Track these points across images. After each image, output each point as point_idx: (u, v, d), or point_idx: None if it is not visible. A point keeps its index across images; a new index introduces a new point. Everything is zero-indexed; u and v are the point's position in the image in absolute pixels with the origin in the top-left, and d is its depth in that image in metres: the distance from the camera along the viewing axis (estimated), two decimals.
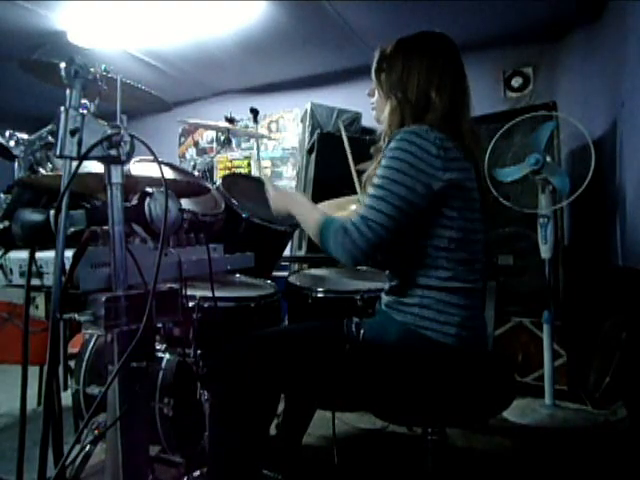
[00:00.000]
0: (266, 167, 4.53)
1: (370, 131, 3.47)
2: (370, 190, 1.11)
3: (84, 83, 0.89)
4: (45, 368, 0.89)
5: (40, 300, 0.97)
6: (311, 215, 1.20)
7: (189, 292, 1.21)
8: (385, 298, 1.24)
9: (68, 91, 0.88)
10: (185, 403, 1.36)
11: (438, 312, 1.12)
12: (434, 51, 1.22)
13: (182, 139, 5.05)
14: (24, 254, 0.95)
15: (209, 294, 1.21)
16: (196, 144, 4.99)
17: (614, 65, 2.50)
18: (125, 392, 0.88)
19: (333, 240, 1.09)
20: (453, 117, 1.17)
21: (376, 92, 1.30)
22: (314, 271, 2.06)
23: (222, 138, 2.76)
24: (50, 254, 0.88)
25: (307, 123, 3.64)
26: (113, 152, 0.85)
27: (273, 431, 1.68)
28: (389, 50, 1.25)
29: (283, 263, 2.90)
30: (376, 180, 1.10)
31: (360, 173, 1.34)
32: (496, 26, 3.24)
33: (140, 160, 1.64)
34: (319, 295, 1.60)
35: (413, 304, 1.14)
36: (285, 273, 2.34)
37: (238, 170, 4.66)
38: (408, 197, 1.07)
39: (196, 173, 2.25)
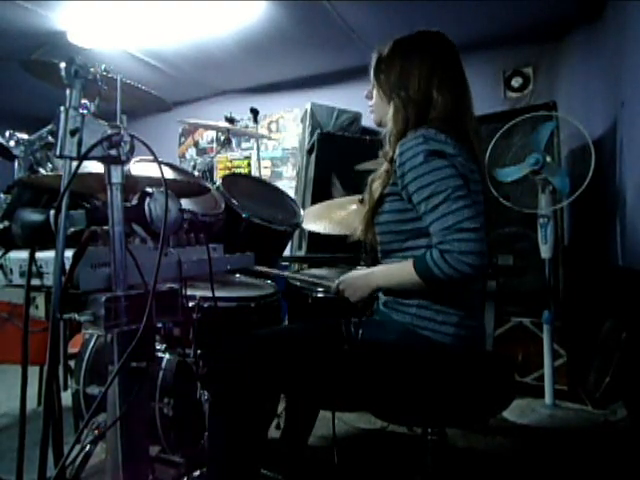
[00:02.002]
0: (266, 167, 4.53)
1: (370, 131, 3.47)
2: (425, 206, 1.07)
3: (84, 83, 0.89)
4: (45, 368, 0.89)
5: (40, 300, 0.97)
6: (396, 273, 1.15)
7: (189, 292, 1.21)
8: (383, 298, 1.24)
9: (68, 91, 0.88)
10: (185, 403, 1.36)
11: (436, 312, 1.12)
12: (432, 50, 1.22)
13: (182, 139, 5.05)
14: (24, 254, 0.95)
15: (209, 294, 1.21)
16: (196, 144, 4.99)
17: (614, 65, 2.50)
18: (125, 392, 0.88)
19: (440, 270, 1.02)
20: (456, 116, 1.18)
21: (374, 94, 1.29)
22: (314, 271, 2.07)
23: (222, 138, 2.77)
24: (50, 254, 0.88)
25: (307, 123, 3.64)
26: (113, 152, 0.85)
27: (275, 432, 1.68)
28: (386, 51, 1.25)
29: (283, 263, 2.90)
30: (422, 194, 1.07)
31: (359, 173, 1.33)
32: (496, 26, 3.24)
33: (140, 160, 1.64)
34: (319, 295, 1.61)
35: (411, 304, 1.14)
36: (285, 273, 2.34)
37: (238, 170, 4.66)
38: (461, 181, 1.07)
39: (196, 173, 2.24)
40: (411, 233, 1.14)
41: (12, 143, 1.26)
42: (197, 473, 1.38)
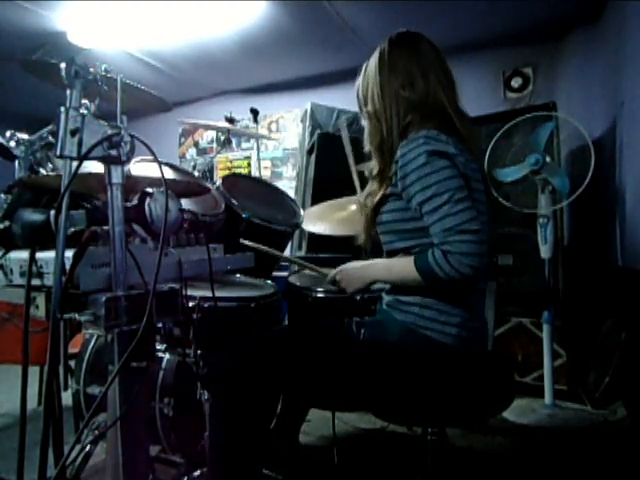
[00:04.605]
0: (266, 167, 4.53)
1: None
2: (427, 206, 1.07)
3: (84, 83, 0.89)
4: (45, 368, 0.89)
5: (40, 300, 0.97)
6: (396, 268, 1.16)
7: (189, 292, 1.21)
8: (386, 297, 1.24)
9: (68, 91, 0.88)
10: (185, 403, 1.36)
11: (439, 312, 1.12)
12: (392, 58, 1.22)
13: (182, 139, 5.05)
14: (24, 254, 0.95)
15: (209, 294, 1.21)
16: (196, 144, 4.99)
17: (614, 65, 2.50)
18: (125, 392, 0.88)
19: (441, 270, 1.02)
20: (436, 106, 1.18)
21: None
22: None
23: (222, 138, 2.77)
24: (50, 254, 0.89)
25: (307, 123, 3.64)
26: (113, 152, 0.85)
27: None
28: (363, 89, 1.28)
29: (283, 263, 2.89)
30: (425, 194, 1.07)
31: (360, 173, 1.34)
32: (496, 26, 3.24)
33: (140, 160, 1.64)
34: (319, 295, 1.61)
35: (414, 303, 1.14)
36: (285, 273, 2.34)
37: (238, 170, 4.66)
38: (462, 182, 1.07)
39: (196, 173, 2.24)
40: (414, 232, 1.14)
41: (12, 143, 1.26)
42: (197, 473, 1.38)
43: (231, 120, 2.77)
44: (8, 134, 1.26)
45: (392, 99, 1.19)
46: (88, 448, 1.35)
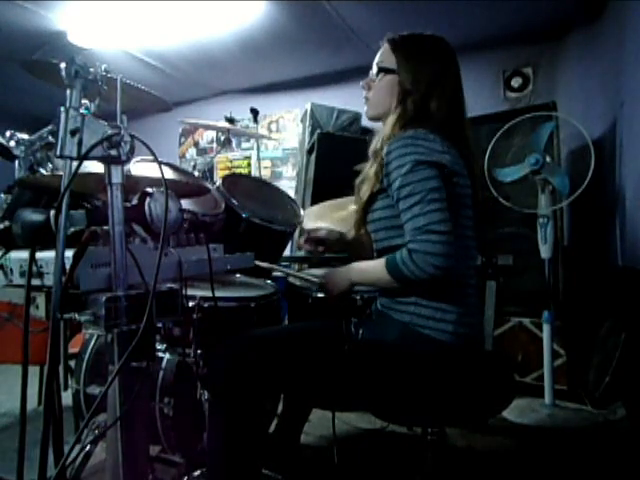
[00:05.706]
0: (266, 167, 4.53)
1: (370, 131, 3.46)
2: (403, 204, 1.09)
3: (84, 83, 0.89)
4: (45, 368, 0.89)
5: (40, 300, 0.97)
6: (370, 270, 1.18)
7: (189, 292, 1.21)
8: (381, 298, 1.24)
9: (68, 91, 0.88)
10: (185, 403, 1.36)
11: (434, 310, 1.12)
12: (441, 57, 1.23)
13: (182, 139, 5.05)
14: (24, 254, 0.95)
15: (209, 294, 1.21)
16: (196, 144, 4.99)
17: (614, 65, 2.50)
18: (125, 392, 0.88)
19: (407, 269, 1.04)
20: (452, 123, 1.19)
21: (373, 86, 1.28)
22: (314, 271, 2.07)
23: (222, 138, 2.78)
24: (50, 254, 0.89)
25: (307, 123, 3.64)
26: (113, 152, 0.85)
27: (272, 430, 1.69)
28: (400, 47, 1.24)
29: (283, 263, 2.90)
30: (401, 192, 1.09)
31: (359, 173, 1.33)
32: (496, 26, 3.24)
33: (140, 160, 1.64)
34: (319, 295, 1.60)
35: (410, 302, 1.14)
36: (282, 269, 2.33)
37: (238, 170, 4.66)
38: (438, 184, 1.08)
39: (196, 173, 2.25)
40: (403, 229, 1.14)
41: (12, 143, 1.26)
42: (197, 473, 1.38)
43: (231, 120, 2.77)
44: (8, 134, 1.26)
45: (423, 104, 1.19)
46: (88, 448, 1.35)
